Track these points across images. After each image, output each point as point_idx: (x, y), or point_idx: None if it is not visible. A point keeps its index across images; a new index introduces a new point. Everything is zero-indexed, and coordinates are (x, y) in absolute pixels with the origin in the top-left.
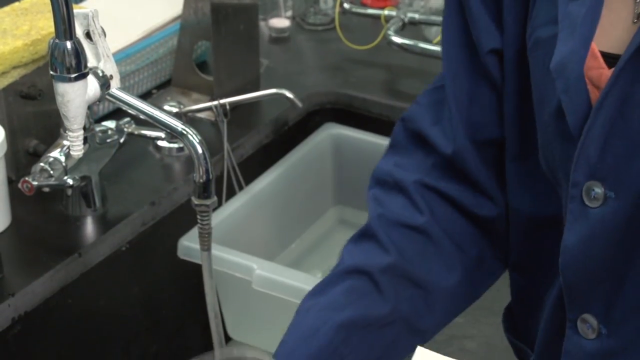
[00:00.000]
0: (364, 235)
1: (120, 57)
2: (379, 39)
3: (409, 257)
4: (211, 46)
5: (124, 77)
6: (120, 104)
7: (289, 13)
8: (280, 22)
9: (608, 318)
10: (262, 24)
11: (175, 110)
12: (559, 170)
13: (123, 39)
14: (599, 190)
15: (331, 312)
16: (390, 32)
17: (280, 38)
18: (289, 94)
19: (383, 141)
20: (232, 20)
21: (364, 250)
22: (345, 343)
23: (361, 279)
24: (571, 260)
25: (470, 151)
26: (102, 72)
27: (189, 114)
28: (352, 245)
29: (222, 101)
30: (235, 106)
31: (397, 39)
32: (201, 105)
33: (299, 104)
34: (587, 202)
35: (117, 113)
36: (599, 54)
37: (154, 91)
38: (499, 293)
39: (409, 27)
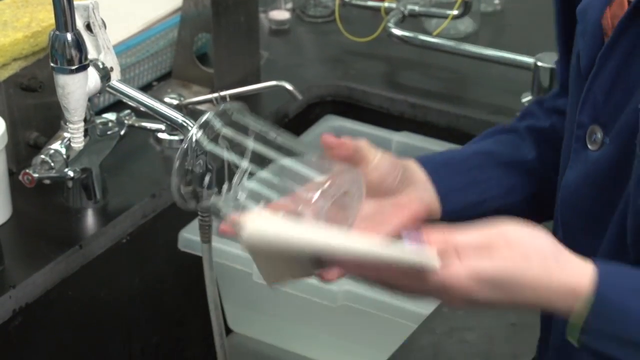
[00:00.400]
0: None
1: (121, 49)
2: (379, 31)
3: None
4: (211, 38)
5: (124, 69)
6: (121, 96)
7: (289, 5)
8: (280, 15)
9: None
10: (262, 16)
11: (175, 102)
12: (570, 111)
13: (123, 31)
14: (599, 134)
15: (474, 144)
16: (390, 25)
17: (280, 30)
18: (289, 86)
19: (383, 133)
20: (233, 13)
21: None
22: (481, 169)
23: (510, 134)
24: (568, 196)
25: None
26: (103, 64)
27: (190, 106)
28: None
29: (222, 93)
30: (235, 98)
31: (397, 31)
32: (201, 98)
33: (299, 96)
34: (588, 145)
35: (117, 105)
36: (625, 3)
37: (155, 83)
38: None
39: (409, 20)
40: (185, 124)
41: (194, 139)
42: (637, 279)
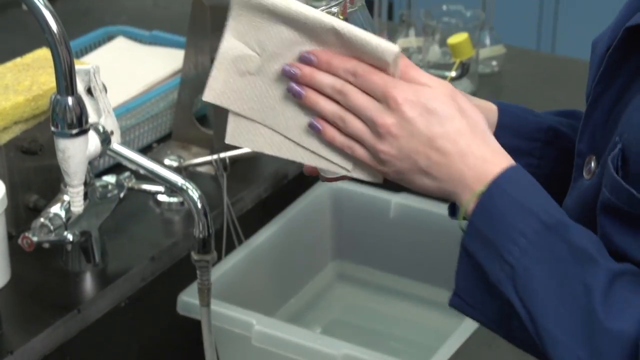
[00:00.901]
0: None
1: (121, 111)
2: None
3: None
4: None
5: (124, 132)
6: (121, 158)
7: None
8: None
9: None
10: None
11: (175, 164)
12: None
13: (124, 93)
14: (593, 164)
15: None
16: None
17: None
18: None
19: (382, 194)
20: None
21: None
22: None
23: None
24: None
25: None
26: (103, 127)
27: (189, 168)
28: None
29: (222, 155)
30: (235, 160)
31: None
32: (201, 159)
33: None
34: (584, 173)
35: (117, 167)
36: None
37: (154, 145)
38: None
39: None
40: (184, 187)
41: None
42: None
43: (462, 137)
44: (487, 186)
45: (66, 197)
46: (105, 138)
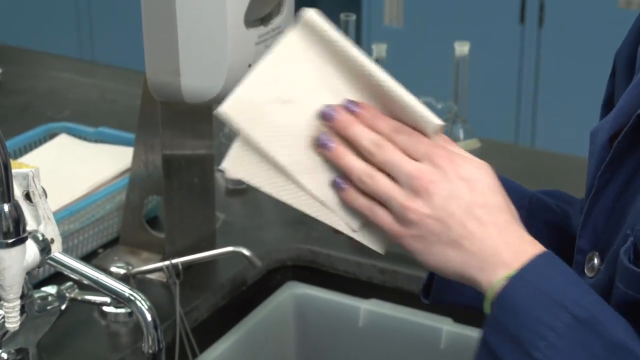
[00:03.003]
0: None
1: (63, 215)
2: None
3: None
4: (162, 201)
5: (66, 237)
6: (62, 268)
7: None
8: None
9: None
10: (218, 175)
11: (122, 271)
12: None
13: (67, 195)
14: (596, 261)
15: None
16: None
17: (237, 190)
18: (247, 252)
19: (350, 301)
20: (186, 173)
21: None
22: (531, 212)
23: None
24: None
25: None
26: (43, 235)
27: (138, 276)
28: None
29: (174, 261)
30: (188, 266)
31: None
32: (151, 266)
33: (258, 263)
34: (586, 272)
35: (58, 276)
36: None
37: (100, 251)
38: None
39: None
40: (132, 297)
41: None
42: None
43: (502, 213)
44: (518, 271)
45: (0, 312)
46: (45, 247)
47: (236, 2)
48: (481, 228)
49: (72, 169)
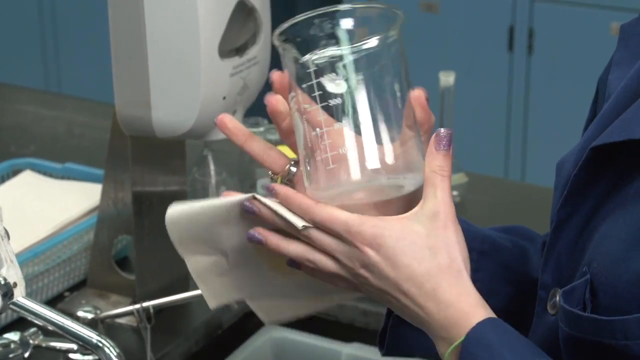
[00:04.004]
0: None
1: (27, 256)
2: None
3: None
4: (133, 241)
5: (30, 280)
6: (25, 313)
7: None
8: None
9: None
10: None
11: (90, 316)
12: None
13: (31, 235)
14: (558, 297)
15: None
16: None
17: None
18: None
19: (332, 345)
20: (157, 210)
21: None
22: (486, 255)
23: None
24: None
25: None
26: (5, 279)
27: (107, 320)
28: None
29: (145, 304)
30: (160, 309)
31: None
32: (121, 310)
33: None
34: (548, 308)
35: (21, 322)
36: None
37: (67, 294)
38: None
39: None
40: (100, 344)
41: None
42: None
43: (430, 280)
44: (460, 345)
45: None
46: (7, 291)
47: (210, 32)
48: (410, 301)
49: (36, 208)
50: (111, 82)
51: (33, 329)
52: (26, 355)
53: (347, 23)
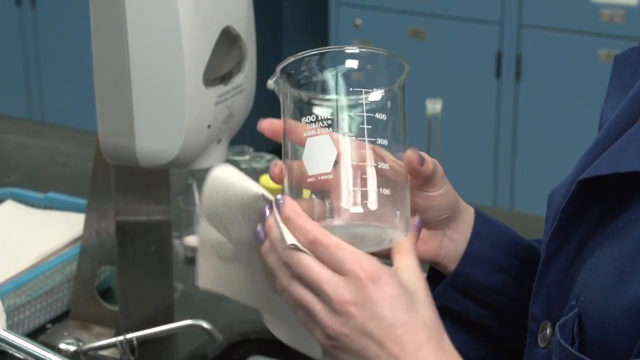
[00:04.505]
0: None
1: (8, 288)
2: None
3: None
4: (116, 271)
5: (11, 312)
6: (6, 346)
7: None
8: (198, 240)
9: None
10: (176, 242)
11: (72, 348)
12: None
13: (12, 266)
14: (548, 330)
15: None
16: None
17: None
18: (207, 325)
19: None
20: (141, 241)
21: None
22: (520, 268)
23: None
24: None
25: None
26: None
27: (90, 352)
28: None
29: (128, 336)
30: (144, 341)
31: None
32: (104, 342)
33: (219, 337)
34: (539, 341)
35: (3, 355)
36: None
37: (49, 326)
38: None
39: None
40: None
41: None
42: None
43: (423, 330)
44: None
45: None
46: None
47: (194, 60)
48: (398, 348)
49: (18, 238)
50: (95, 111)
51: None
52: None
53: (351, 63)
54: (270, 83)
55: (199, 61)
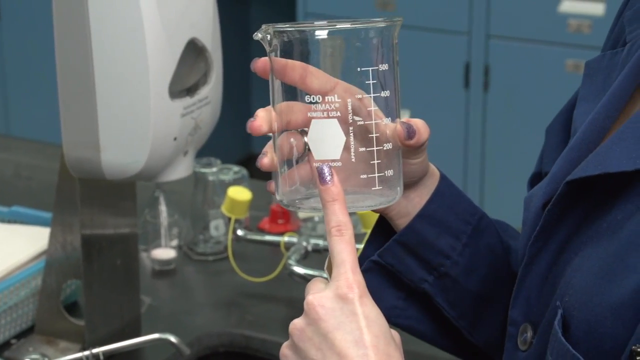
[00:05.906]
0: None
1: None
2: (278, 269)
3: None
4: (82, 285)
5: None
6: None
7: (175, 242)
8: (165, 253)
9: None
10: (143, 255)
11: None
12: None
13: None
14: (529, 334)
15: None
16: (291, 262)
17: (164, 271)
18: (174, 339)
19: None
20: (107, 254)
21: None
22: (476, 235)
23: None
24: None
25: None
26: None
27: None
28: None
29: (94, 350)
30: (110, 355)
31: (300, 269)
32: (70, 357)
33: (187, 350)
34: (519, 345)
35: None
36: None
37: (13, 341)
38: None
39: (312, 255)
40: None
41: None
42: None
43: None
44: None
45: None
46: None
47: (160, 72)
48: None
49: None
50: (60, 124)
51: None
52: None
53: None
54: (258, 34)
55: (165, 73)
